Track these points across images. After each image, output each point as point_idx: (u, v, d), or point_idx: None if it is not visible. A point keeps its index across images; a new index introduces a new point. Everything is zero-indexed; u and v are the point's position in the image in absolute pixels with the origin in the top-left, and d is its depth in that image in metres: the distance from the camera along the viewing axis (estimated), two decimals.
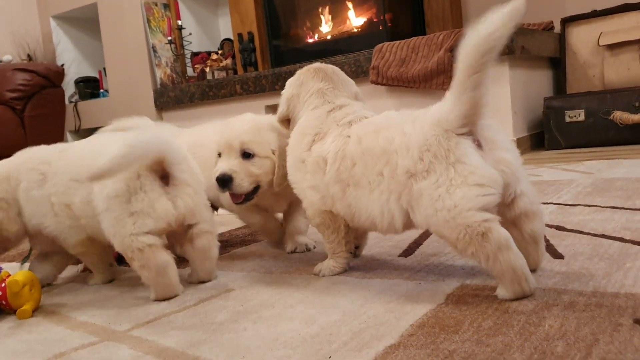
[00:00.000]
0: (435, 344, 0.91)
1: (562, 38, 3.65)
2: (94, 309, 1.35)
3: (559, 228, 1.53)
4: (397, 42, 3.53)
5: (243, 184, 1.51)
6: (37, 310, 1.39)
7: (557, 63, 3.73)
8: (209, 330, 1.11)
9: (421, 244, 1.55)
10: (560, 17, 3.68)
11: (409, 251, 1.50)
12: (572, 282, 1.12)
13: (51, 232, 1.52)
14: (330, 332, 1.02)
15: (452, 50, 3.29)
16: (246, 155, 1.53)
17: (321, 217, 1.37)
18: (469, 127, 1.10)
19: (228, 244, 1.90)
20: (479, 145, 1.11)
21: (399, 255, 1.47)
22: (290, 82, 1.53)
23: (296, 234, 1.67)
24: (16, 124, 3.78)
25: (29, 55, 5.08)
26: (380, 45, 3.57)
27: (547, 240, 1.38)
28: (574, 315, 0.96)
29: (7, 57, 4.94)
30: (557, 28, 3.72)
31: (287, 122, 1.53)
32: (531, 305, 1.02)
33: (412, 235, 1.65)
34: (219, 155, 1.56)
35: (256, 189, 1.55)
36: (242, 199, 1.55)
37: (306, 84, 1.48)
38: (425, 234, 1.65)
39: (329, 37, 4.16)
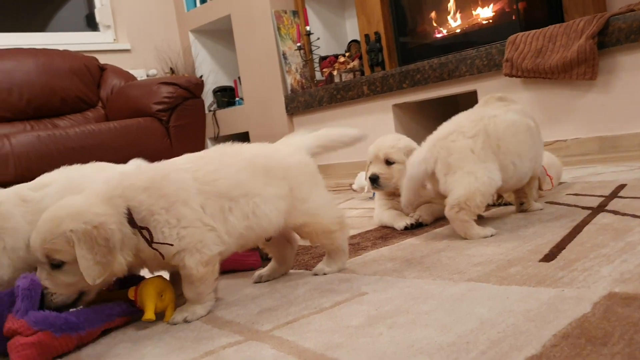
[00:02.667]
0: (581, 357, 0.87)
1: None
2: (238, 309, 1.43)
3: None
4: (532, 31, 3.38)
5: (386, 182, 2.16)
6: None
7: None
8: (345, 333, 1.14)
9: (564, 248, 1.47)
10: None
11: (550, 256, 1.43)
12: None
13: None
14: (467, 340, 1.01)
15: (594, 37, 3.09)
16: (388, 162, 2.17)
17: None
18: None
19: (359, 247, 1.93)
20: None
21: (540, 260, 1.41)
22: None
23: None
24: (163, 134, 4.08)
25: (171, 69, 5.47)
26: (514, 36, 3.44)
27: None
28: None
29: (152, 71, 5.37)
30: None
31: None
32: None
33: (553, 238, 1.57)
34: (370, 162, 2.21)
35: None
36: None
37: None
38: (569, 238, 1.57)
39: (458, 30, 4.06)
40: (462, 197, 1.76)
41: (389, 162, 2.16)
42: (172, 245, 1.36)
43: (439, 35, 4.18)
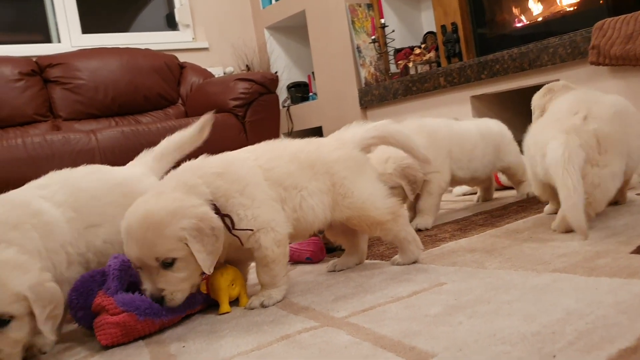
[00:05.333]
0: None
1: None
2: (314, 296, 1.43)
3: None
4: (622, 16, 3.19)
5: None
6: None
7: None
8: (423, 322, 1.11)
9: None
10: None
11: None
12: None
13: None
14: (553, 330, 0.96)
15: None
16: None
17: None
18: None
19: (437, 238, 1.88)
20: None
21: (631, 252, 1.33)
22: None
23: None
24: (239, 129, 4.16)
25: (247, 66, 5.56)
26: (601, 22, 3.26)
27: None
28: None
29: (229, 69, 5.48)
30: None
31: None
32: None
33: None
34: None
35: None
36: None
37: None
38: None
39: (539, 19, 3.91)
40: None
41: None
42: (252, 230, 1.37)
43: (519, 25, 4.04)
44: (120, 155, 3.66)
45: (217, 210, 1.35)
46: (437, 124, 2.23)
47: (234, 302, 1.46)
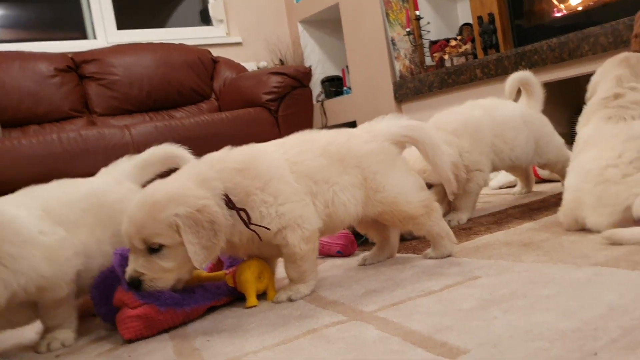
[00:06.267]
0: None
1: None
2: (343, 290, 1.39)
3: None
4: None
5: None
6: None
7: None
8: (455, 316, 1.06)
9: None
10: None
11: None
12: None
13: None
14: (595, 327, 0.90)
15: None
16: None
17: None
18: None
19: (472, 232, 1.82)
20: None
21: None
22: (597, 71, 1.76)
23: None
24: (272, 123, 4.14)
25: (280, 60, 5.54)
26: None
27: None
28: None
29: (262, 63, 5.46)
30: None
31: None
32: None
33: None
34: None
35: None
36: None
37: (608, 71, 1.70)
38: None
39: (579, 8, 3.78)
40: None
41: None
42: (268, 229, 1.33)
43: (558, 15, 3.91)
44: None
45: (231, 204, 1.31)
46: (480, 118, 2.12)
47: (262, 296, 1.43)
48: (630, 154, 1.43)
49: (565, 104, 1.79)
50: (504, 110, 2.21)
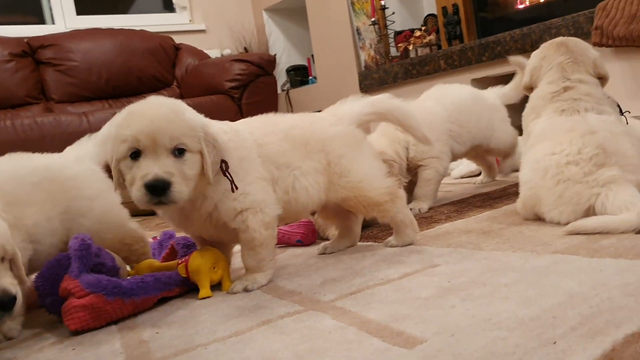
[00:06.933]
0: None
1: None
2: (301, 279, 1.35)
3: None
4: None
5: None
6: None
7: None
8: (413, 305, 1.03)
9: None
10: None
11: None
12: None
13: None
14: (554, 315, 0.88)
15: None
16: None
17: None
18: None
19: (433, 220, 1.80)
20: None
21: (638, 232, 1.24)
22: (534, 55, 1.73)
23: None
24: (235, 112, 4.07)
25: (245, 48, 5.46)
26: (604, 2, 3.16)
27: None
28: None
29: (226, 51, 5.37)
30: None
31: (530, 89, 1.72)
32: None
33: None
34: None
35: None
36: None
37: (548, 57, 1.66)
38: None
39: (542, 0, 3.80)
40: None
41: None
42: (237, 188, 1.27)
43: (521, 7, 3.94)
44: None
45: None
46: (431, 108, 2.13)
47: (217, 287, 1.38)
48: (589, 149, 1.41)
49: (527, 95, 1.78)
50: (453, 95, 2.22)
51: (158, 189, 1.14)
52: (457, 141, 2.13)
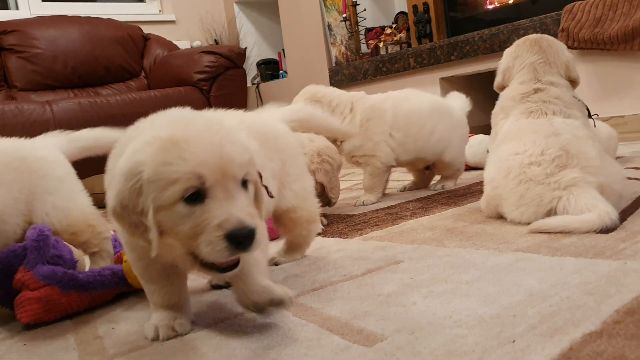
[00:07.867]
0: None
1: None
2: None
3: None
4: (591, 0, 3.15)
5: None
6: None
7: None
8: (375, 302, 1.02)
9: (625, 220, 1.32)
10: None
11: (609, 227, 1.27)
12: None
13: None
14: (514, 313, 0.88)
15: None
16: None
17: None
18: None
19: (398, 216, 1.80)
20: None
21: (598, 232, 1.26)
22: (506, 54, 1.70)
23: None
24: (203, 104, 4.02)
25: (215, 41, 5.39)
26: (571, 5, 3.21)
27: None
28: None
29: (196, 43, 5.30)
30: None
31: (503, 89, 1.70)
32: None
33: None
34: None
35: None
36: None
37: (521, 56, 1.64)
38: (630, 209, 1.41)
39: (510, 1, 3.84)
40: None
41: None
42: None
43: (490, 7, 3.97)
44: (77, 128, 3.44)
45: None
46: (384, 110, 2.18)
47: None
48: (552, 151, 1.41)
49: (495, 95, 1.78)
50: (412, 103, 2.22)
51: (246, 239, 0.85)
52: (402, 148, 2.17)
